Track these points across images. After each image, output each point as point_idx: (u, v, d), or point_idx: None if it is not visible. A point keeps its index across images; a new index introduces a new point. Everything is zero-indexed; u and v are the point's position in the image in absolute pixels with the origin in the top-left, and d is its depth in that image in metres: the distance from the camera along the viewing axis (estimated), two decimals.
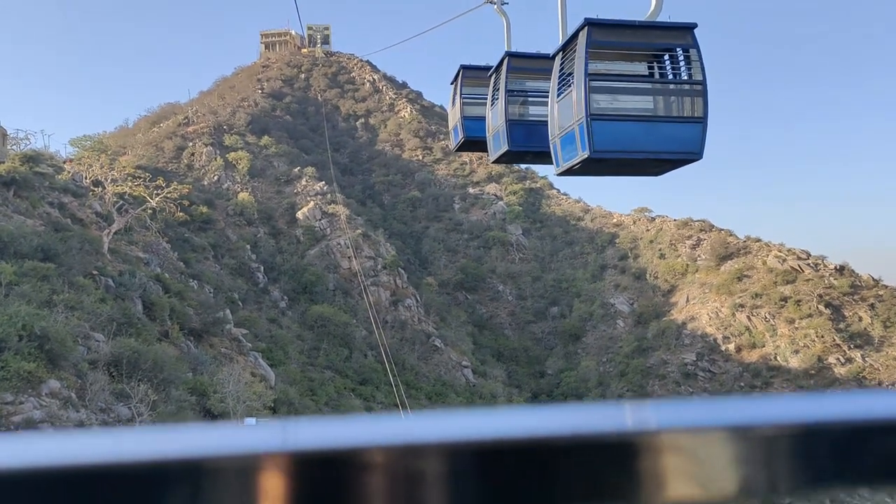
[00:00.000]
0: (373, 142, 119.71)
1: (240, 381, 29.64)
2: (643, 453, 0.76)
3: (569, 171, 12.87)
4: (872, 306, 71.78)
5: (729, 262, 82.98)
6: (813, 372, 67.51)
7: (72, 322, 27.62)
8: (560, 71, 13.08)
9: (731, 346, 72.86)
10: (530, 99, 16.16)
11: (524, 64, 15.93)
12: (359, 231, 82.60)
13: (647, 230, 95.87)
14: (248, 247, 75.35)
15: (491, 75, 16.29)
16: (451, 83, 18.88)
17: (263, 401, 30.66)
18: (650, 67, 13.23)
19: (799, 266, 78.37)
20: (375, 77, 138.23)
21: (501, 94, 15.53)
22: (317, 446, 0.72)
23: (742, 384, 69.44)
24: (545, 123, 14.90)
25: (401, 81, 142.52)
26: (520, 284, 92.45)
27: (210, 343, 42.46)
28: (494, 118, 16.14)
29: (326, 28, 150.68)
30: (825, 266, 78.61)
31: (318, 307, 69.31)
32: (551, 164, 15.15)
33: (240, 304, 63.01)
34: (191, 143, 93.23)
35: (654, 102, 12.91)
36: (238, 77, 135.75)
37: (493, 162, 17.04)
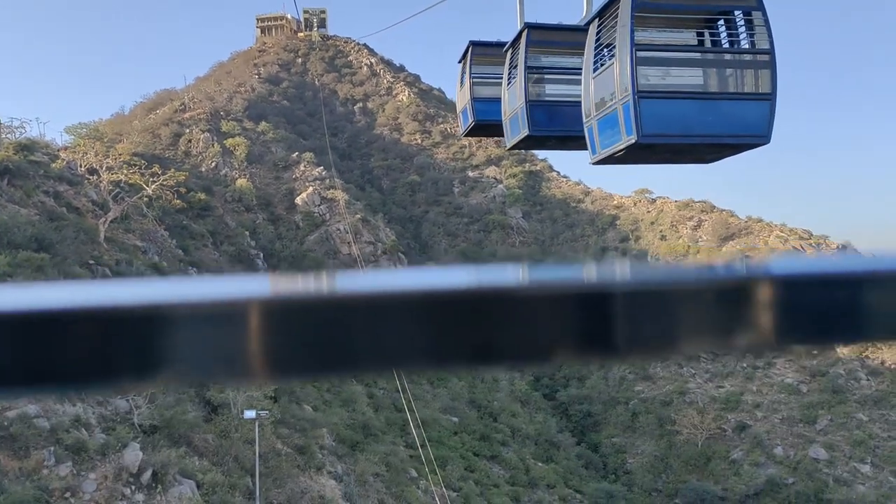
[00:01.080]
0: (371, 126, 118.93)
1: None
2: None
3: (608, 160, 11.29)
4: None
5: (731, 242, 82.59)
6: (815, 352, 67.19)
7: None
8: (597, 42, 11.40)
9: None
10: (554, 76, 14.68)
11: (546, 37, 14.28)
12: (358, 216, 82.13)
13: (648, 212, 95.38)
14: (247, 233, 74.91)
15: (507, 51, 14.67)
16: (459, 61, 17.31)
17: (264, 391, 30.33)
18: (699, 35, 11.63)
19: (801, 246, 78.01)
20: (373, 60, 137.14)
21: (520, 71, 13.78)
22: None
23: (744, 364, 69.24)
24: (571, 104, 13.55)
25: (398, 65, 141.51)
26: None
27: None
28: (512, 99, 14.45)
29: (323, 11, 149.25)
30: (827, 245, 78.24)
31: None
32: (577, 150, 13.87)
33: None
34: (188, 130, 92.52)
35: (711, 77, 11.31)
36: (234, 62, 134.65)
37: (510, 148, 15.26)
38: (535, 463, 56.92)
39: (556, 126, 14.05)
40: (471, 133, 17.37)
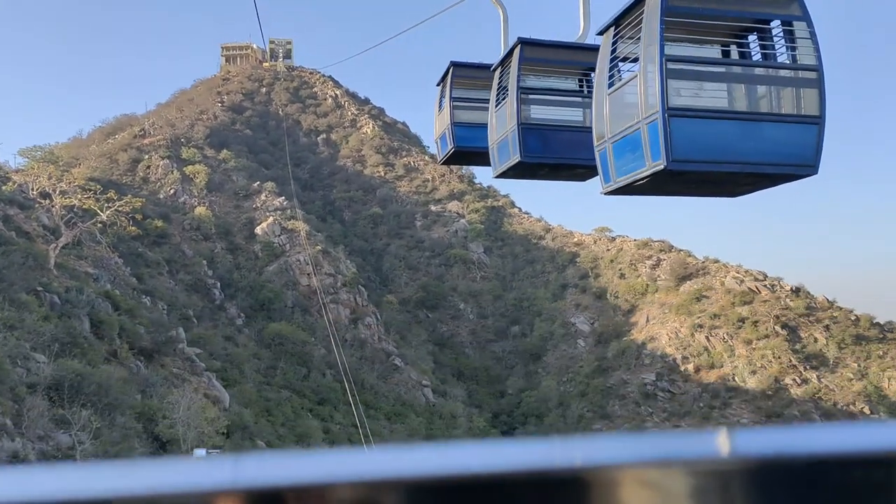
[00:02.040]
0: (334, 157, 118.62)
1: (191, 406, 28.28)
2: (596, 488, 0.73)
3: (625, 189, 9.94)
4: (827, 328, 72.75)
5: (688, 282, 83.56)
6: (770, 392, 67.99)
7: (10, 342, 26.11)
8: (612, 53, 10.06)
9: (690, 367, 73.13)
10: (548, 98, 13.53)
11: (541, 54, 12.95)
12: (318, 247, 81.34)
13: (608, 250, 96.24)
14: (205, 262, 73.55)
15: (495, 69, 13.47)
16: (438, 84, 16.26)
17: (216, 426, 29.33)
18: (724, 48, 10.35)
19: (756, 287, 79.22)
20: (338, 92, 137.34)
21: (512, 92, 12.46)
22: (268, 483, 0.67)
23: (701, 405, 69.64)
24: (567, 129, 12.75)
25: (363, 97, 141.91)
26: (481, 303, 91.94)
27: (161, 363, 40.91)
28: (501, 123, 13.18)
29: (289, 42, 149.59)
30: (782, 287, 79.60)
31: (276, 325, 67.84)
32: (569, 179, 13.14)
33: (195, 321, 61.27)
34: (147, 156, 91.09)
35: (750, 96, 9.91)
36: (197, 90, 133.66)
37: (498, 176, 14.01)
38: None
39: (550, 153, 12.90)
40: (449, 160, 16.45)
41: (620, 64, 10.10)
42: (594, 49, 11.75)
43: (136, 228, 63.73)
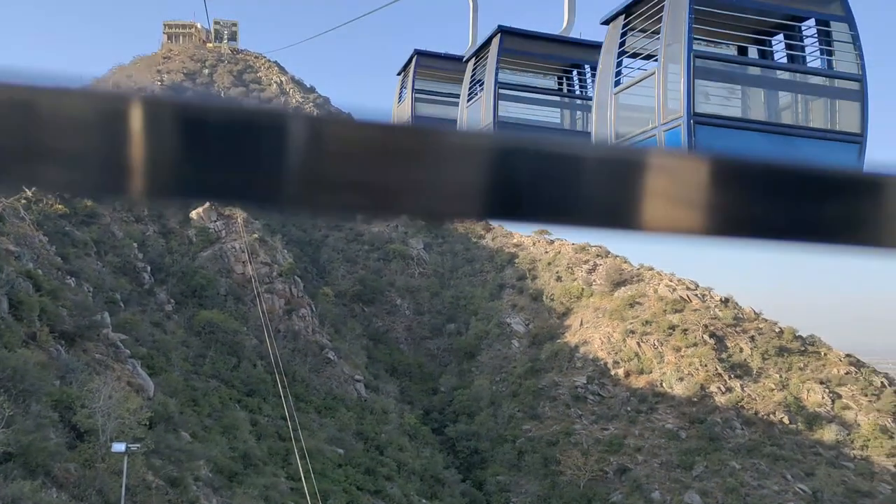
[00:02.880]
0: None
1: (112, 395, 27.15)
2: None
3: None
4: (753, 338, 74.96)
5: (622, 288, 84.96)
6: (695, 399, 69.65)
7: None
8: (620, 47, 8.88)
9: (621, 371, 74.38)
10: (528, 96, 12.44)
11: (522, 46, 11.57)
12: (255, 236, 79.74)
13: (546, 252, 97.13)
14: (136, 245, 71.18)
15: (468, 60, 12.23)
16: (399, 73, 15.04)
17: (138, 417, 28.25)
18: (741, 49, 9.11)
19: (687, 296, 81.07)
20: (283, 79, 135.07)
21: (489, 85, 11.14)
22: None
23: (629, 409, 70.91)
24: (549, 130, 11.90)
25: (309, 85, 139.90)
26: (418, 299, 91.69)
27: (84, 348, 39.32)
28: (473, 119, 11.90)
29: (234, 24, 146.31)
30: (711, 297, 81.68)
31: (208, 312, 66.18)
32: None
33: (121, 305, 59.21)
34: None
35: (783, 105, 8.86)
36: (136, 66, 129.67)
37: None
38: (420, 500, 56.00)
39: None
40: None
41: (626, 60, 9.03)
42: (581, 44, 11.36)
43: (64, 206, 61.27)
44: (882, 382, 70.01)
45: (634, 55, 8.92)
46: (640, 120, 8.67)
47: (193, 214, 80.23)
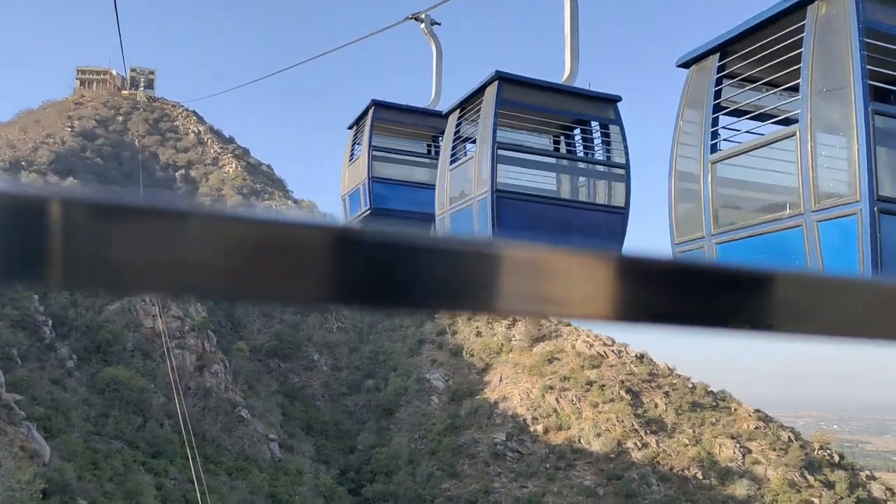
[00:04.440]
0: (192, 195, 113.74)
1: (1, 464, 25.04)
2: None
3: None
4: (667, 394, 76.46)
5: (541, 343, 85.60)
6: (613, 455, 70.12)
7: None
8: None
9: (540, 428, 74.34)
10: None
11: (526, 97, 10.30)
12: None
13: None
14: (36, 297, 67.43)
15: (449, 114, 10.81)
16: (351, 126, 13.39)
17: (31, 489, 26.10)
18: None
19: (604, 352, 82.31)
20: (201, 129, 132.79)
21: (485, 145, 9.71)
22: None
23: (547, 465, 70.72)
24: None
25: (228, 136, 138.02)
26: (336, 354, 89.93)
27: None
28: (459, 184, 10.55)
29: (152, 72, 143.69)
30: (627, 353, 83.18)
31: (113, 369, 62.91)
32: None
33: (18, 361, 55.72)
34: None
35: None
36: (45, 111, 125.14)
37: None
38: None
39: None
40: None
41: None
42: (593, 97, 11.45)
43: None
44: (789, 437, 72.29)
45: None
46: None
47: None
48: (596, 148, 10.79)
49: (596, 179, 10.72)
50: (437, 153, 12.71)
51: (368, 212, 12.24)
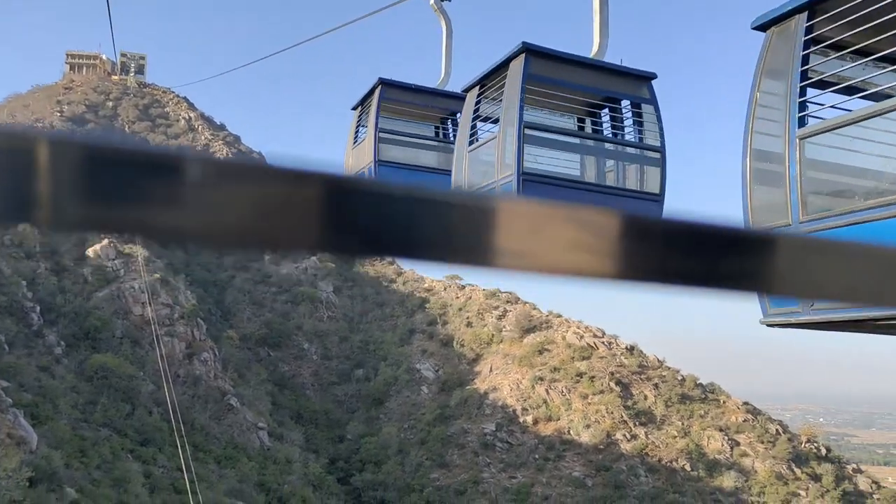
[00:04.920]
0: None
1: None
2: None
3: None
4: (656, 386, 76.69)
5: (531, 335, 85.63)
6: (602, 447, 70.31)
7: None
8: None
9: (529, 419, 74.44)
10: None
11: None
12: (157, 276, 76.47)
13: (457, 297, 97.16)
14: (24, 283, 66.90)
15: (468, 91, 10.15)
16: (356, 107, 12.52)
17: (17, 478, 25.86)
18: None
19: (594, 343, 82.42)
20: (192, 115, 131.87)
21: (512, 122, 9.00)
22: None
23: (536, 456, 70.86)
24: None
25: (219, 123, 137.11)
26: (326, 344, 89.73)
27: None
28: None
29: (142, 57, 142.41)
30: (617, 345, 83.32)
31: (101, 356, 62.56)
32: None
33: (6, 347, 55.35)
34: None
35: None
36: (35, 95, 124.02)
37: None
38: None
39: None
40: None
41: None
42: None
43: None
44: (777, 430, 72.68)
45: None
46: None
47: (90, 252, 76.35)
48: (627, 129, 10.12)
49: (628, 163, 10.16)
50: (446, 136, 12.31)
51: None
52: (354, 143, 12.44)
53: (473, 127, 9.71)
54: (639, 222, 0.84)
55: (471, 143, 9.68)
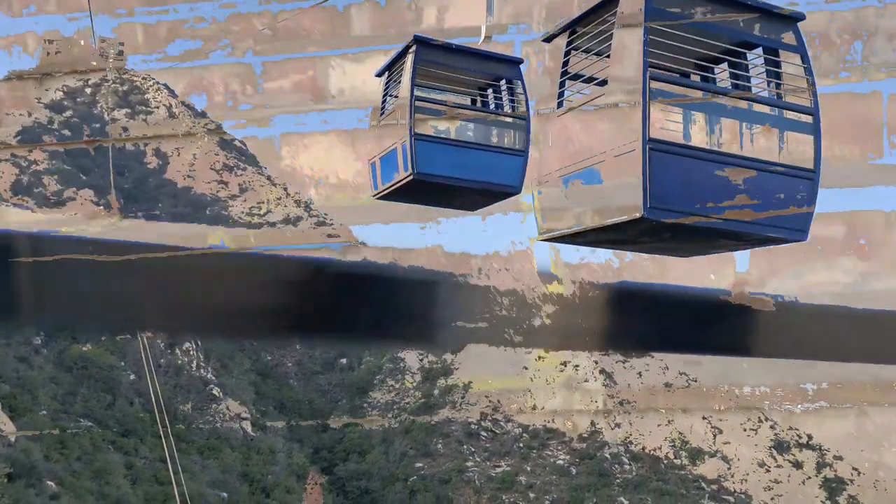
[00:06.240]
0: (163, 170, 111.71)
1: None
2: None
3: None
4: (640, 374, 76.99)
5: None
6: (585, 435, 70.57)
7: None
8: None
9: (514, 407, 74.49)
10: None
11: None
12: None
13: None
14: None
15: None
16: (381, 73, 10.14)
17: None
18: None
19: None
20: (172, 102, 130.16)
21: (634, 77, 6.80)
22: None
23: (521, 445, 70.97)
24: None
25: (201, 110, 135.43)
26: None
27: None
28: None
29: (122, 43, 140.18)
30: None
31: (81, 346, 61.72)
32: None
33: None
34: None
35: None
36: (11, 83, 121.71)
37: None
38: None
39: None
40: (393, 193, 9.78)
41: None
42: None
43: None
44: (759, 417, 73.20)
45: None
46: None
47: None
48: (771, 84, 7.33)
49: (774, 129, 7.43)
50: (486, 105, 10.29)
51: (410, 178, 9.45)
52: (382, 114, 10.35)
53: (562, 85, 7.28)
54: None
55: (559, 105, 7.20)
